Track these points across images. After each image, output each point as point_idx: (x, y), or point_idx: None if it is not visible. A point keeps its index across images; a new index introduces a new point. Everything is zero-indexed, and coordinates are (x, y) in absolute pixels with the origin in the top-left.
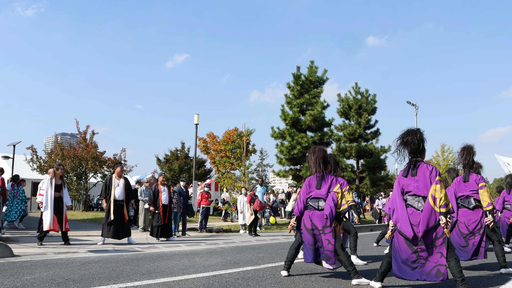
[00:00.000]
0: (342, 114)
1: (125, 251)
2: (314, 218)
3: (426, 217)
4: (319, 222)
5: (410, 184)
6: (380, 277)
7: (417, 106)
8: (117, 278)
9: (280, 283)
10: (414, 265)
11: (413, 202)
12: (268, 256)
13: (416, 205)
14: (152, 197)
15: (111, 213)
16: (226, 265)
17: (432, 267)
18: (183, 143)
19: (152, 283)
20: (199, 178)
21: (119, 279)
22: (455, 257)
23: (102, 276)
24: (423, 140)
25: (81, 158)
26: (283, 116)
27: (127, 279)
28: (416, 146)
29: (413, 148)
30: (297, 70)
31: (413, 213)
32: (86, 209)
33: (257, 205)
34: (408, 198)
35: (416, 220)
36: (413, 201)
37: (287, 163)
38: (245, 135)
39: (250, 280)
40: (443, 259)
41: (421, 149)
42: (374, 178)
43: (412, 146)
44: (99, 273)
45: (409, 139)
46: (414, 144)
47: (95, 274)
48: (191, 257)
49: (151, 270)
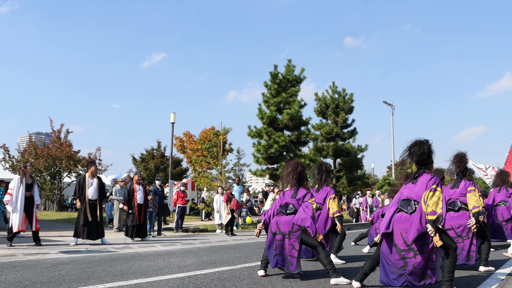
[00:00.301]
0: (319, 113)
1: (98, 251)
2: (281, 223)
3: (417, 222)
4: (286, 226)
5: (407, 190)
6: (361, 277)
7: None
8: (88, 280)
9: (257, 283)
10: (400, 271)
11: (404, 206)
12: (244, 256)
13: (406, 208)
14: (127, 196)
15: (87, 213)
16: (202, 265)
17: (419, 272)
18: (159, 142)
19: (124, 284)
20: (176, 178)
21: (90, 280)
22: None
23: (72, 277)
24: (430, 151)
25: (55, 157)
26: (260, 115)
27: (98, 281)
28: (422, 157)
29: (419, 159)
30: (274, 68)
31: (402, 216)
32: (60, 209)
33: (234, 204)
34: (401, 203)
35: (404, 224)
36: (404, 205)
37: (264, 162)
38: (221, 134)
39: (227, 281)
40: (431, 263)
41: (428, 161)
42: (351, 177)
43: (418, 156)
44: (69, 275)
45: (416, 149)
46: (420, 155)
47: (65, 276)
48: (166, 257)
49: (124, 271)
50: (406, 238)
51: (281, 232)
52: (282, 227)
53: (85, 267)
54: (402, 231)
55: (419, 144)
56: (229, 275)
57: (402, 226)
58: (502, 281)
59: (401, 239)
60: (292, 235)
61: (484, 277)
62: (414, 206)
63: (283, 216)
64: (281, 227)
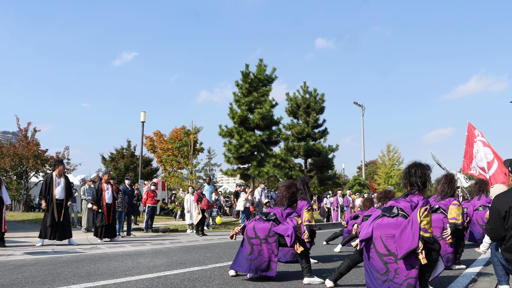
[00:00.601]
0: (290, 113)
1: (65, 252)
2: (258, 229)
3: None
4: (262, 231)
5: (392, 201)
6: (335, 277)
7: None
8: (53, 282)
9: (229, 283)
10: (384, 277)
11: (387, 211)
12: (215, 256)
13: (389, 213)
14: (95, 196)
15: (55, 213)
16: (172, 265)
17: (403, 280)
18: (129, 142)
19: (91, 286)
20: (146, 177)
21: (55, 282)
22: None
23: (36, 279)
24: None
25: (22, 156)
26: (231, 114)
27: (64, 283)
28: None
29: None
30: (246, 68)
31: (383, 220)
32: (27, 209)
33: (205, 204)
34: (384, 209)
35: (386, 229)
36: (387, 210)
37: (235, 162)
38: (192, 133)
39: (197, 281)
40: (413, 271)
41: (424, 185)
42: (322, 177)
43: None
44: (33, 277)
45: (413, 171)
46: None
47: (28, 278)
48: (135, 257)
49: (91, 272)
50: (387, 243)
51: (258, 236)
52: (259, 232)
53: (51, 269)
54: (383, 235)
55: (421, 167)
56: (199, 275)
57: (384, 231)
58: (474, 279)
59: (382, 244)
60: (270, 239)
61: (456, 275)
62: (398, 211)
63: (262, 222)
64: (258, 232)
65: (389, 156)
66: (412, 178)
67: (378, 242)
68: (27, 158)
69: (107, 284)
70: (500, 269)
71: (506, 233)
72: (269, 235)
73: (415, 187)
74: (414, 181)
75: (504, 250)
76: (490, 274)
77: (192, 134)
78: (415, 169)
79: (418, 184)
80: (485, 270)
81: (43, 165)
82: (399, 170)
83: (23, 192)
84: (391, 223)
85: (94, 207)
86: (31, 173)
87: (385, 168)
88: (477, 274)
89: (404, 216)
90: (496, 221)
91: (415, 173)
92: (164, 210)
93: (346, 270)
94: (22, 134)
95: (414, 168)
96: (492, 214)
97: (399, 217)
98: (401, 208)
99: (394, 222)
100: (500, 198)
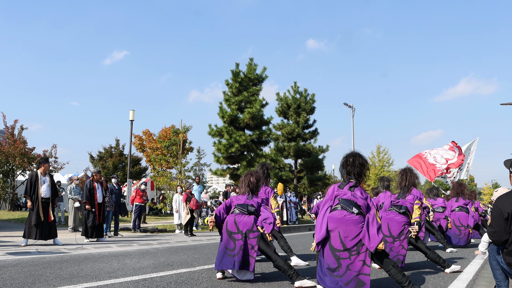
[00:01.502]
0: (280, 113)
1: (49, 252)
2: (240, 222)
3: (375, 234)
4: (244, 225)
5: (349, 194)
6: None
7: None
8: (32, 284)
9: (217, 286)
10: (335, 273)
11: (348, 205)
12: (204, 257)
13: (351, 208)
14: (88, 194)
15: (40, 212)
16: (159, 267)
17: (352, 276)
18: (117, 140)
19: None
20: (134, 177)
21: (35, 285)
22: (392, 264)
23: (15, 282)
24: (363, 165)
25: (8, 154)
26: (221, 113)
27: (44, 285)
28: (361, 169)
29: (359, 171)
30: (236, 67)
31: (345, 216)
32: (13, 208)
33: (194, 204)
34: (343, 201)
35: (348, 227)
36: (347, 204)
37: (224, 162)
38: (181, 132)
39: (184, 284)
40: (366, 268)
41: (364, 174)
42: (312, 177)
43: (358, 168)
44: (12, 279)
45: (359, 160)
46: (360, 166)
47: (7, 280)
48: (121, 258)
49: (74, 274)
50: (344, 239)
51: (240, 231)
52: (241, 226)
53: (32, 270)
54: (341, 231)
55: (359, 156)
56: (187, 278)
57: (344, 227)
58: (470, 283)
59: (338, 239)
60: (251, 235)
61: (452, 279)
62: (356, 209)
63: (243, 215)
64: (240, 226)
65: (379, 158)
66: (349, 168)
67: (335, 237)
68: (14, 156)
69: (89, 286)
70: (499, 273)
71: (509, 236)
72: (252, 229)
73: (352, 177)
74: (351, 171)
75: (507, 253)
76: (487, 277)
77: (181, 133)
78: (352, 158)
79: (355, 175)
80: (480, 273)
81: (30, 163)
82: (389, 171)
83: (9, 190)
84: (354, 217)
85: (87, 206)
86: (17, 172)
87: (375, 169)
88: (473, 278)
89: (363, 214)
90: (499, 223)
91: (353, 163)
92: (153, 210)
93: None
94: (8, 131)
95: (352, 158)
96: (494, 216)
97: (360, 216)
98: (361, 206)
99: (357, 219)
100: (503, 200)
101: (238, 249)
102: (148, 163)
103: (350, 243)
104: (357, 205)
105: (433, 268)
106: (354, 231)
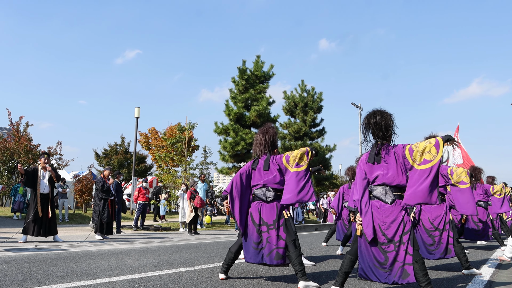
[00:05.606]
0: (287, 112)
1: (47, 249)
2: (264, 212)
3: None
4: (269, 216)
5: (379, 171)
6: (341, 279)
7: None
8: (23, 282)
9: (217, 287)
10: (383, 266)
11: (380, 194)
12: (206, 256)
13: (384, 197)
14: (108, 191)
15: (38, 208)
16: (158, 265)
17: (398, 267)
18: (123, 138)
19: (65, 287)
20: (139, 175)
21: (25, 282)
22: (420, 257)
23: (6, 279)
24: (391, 122)
25: (13, 150)
26: (227, 111)
27: (36, 283)
28: (382, 128)
29: (379, 131)
30: (242, 64)
31: (380, 207)
32: None
33: (198, 202)
34: (374, 188)
35: (383, 217)
36: (380, 192)
37: (230, 160)
38: (186, 129)
39: (183, 284)
40: (409, 258)
41: (390, 131)
42: (319, 177)
43: (377, 128)
44: (3, 276)
45: (378, 119)
46: (379, 126)
47: None
48: (120, 256)
49: (68, 271)
50: (385, 231)
51: (265, 222)
52: (265, 218)
53: (26, 267)
54: (381, 223)
55: (380, 113)
56: (186, 277)
57: (380, 217)
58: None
59: (380, 232)
60: (276, 224)
61: (465, 283)
62: (392, 193)
63: (263, 203)
64: (265, 217)
65: None
66: (374, 129)
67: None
68: (19, 153)
69: (82, 285)
70: None
71: None
72: (278, 218)
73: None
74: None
75: None
76: (507, 282)
77: (186, 131)
78: (377, 117)
79: (386, 135)
80: (496, 275)
81: (34, 160)
82: None
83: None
84: (389, 207)
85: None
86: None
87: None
88: (489, 281)
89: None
90: None
91: (380, 121)
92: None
93: (350, 266)
94: (13, 128)
95: (375, 116)
96: None
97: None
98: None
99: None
100: None
101: (265, 242)
102: (153, 161)
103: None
104: (392, 188)
105: (448, 269)
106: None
